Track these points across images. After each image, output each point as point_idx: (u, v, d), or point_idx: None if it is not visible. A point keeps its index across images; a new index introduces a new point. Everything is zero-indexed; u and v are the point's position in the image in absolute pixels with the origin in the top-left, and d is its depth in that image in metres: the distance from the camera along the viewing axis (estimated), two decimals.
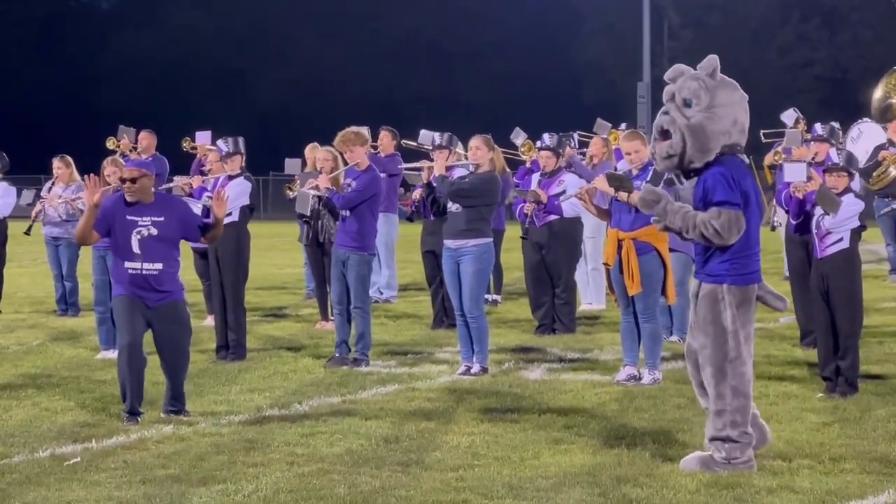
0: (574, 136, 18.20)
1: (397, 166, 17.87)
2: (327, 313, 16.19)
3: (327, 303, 16.04)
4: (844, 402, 11.19)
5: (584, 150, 18.39)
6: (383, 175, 16.07)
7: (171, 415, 10.71)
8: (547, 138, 15.75)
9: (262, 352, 14.51)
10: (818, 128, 13.93)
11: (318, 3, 77.79)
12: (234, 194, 13.96)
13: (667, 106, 8.84)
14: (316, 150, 16.70)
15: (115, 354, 12.23)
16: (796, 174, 11.88)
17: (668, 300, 12.66)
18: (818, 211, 11.49)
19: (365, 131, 14.63)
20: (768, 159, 18.94)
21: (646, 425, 10.30)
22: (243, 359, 13.86)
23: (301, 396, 11.67)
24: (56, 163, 17.86)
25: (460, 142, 14.41)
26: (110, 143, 20.27)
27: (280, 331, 16.50)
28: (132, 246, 10.51)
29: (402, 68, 76.37)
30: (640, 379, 12.29)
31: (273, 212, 54.80)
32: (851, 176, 11.65)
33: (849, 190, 11.55)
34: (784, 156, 15.30)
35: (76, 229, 10.89)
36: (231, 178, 14.09)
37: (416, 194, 16.14)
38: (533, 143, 17.68)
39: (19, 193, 18.81)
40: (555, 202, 15.61)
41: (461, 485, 8.45)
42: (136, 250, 10.51)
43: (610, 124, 19.65)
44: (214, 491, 8.35)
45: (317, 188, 13.96)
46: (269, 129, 62.41)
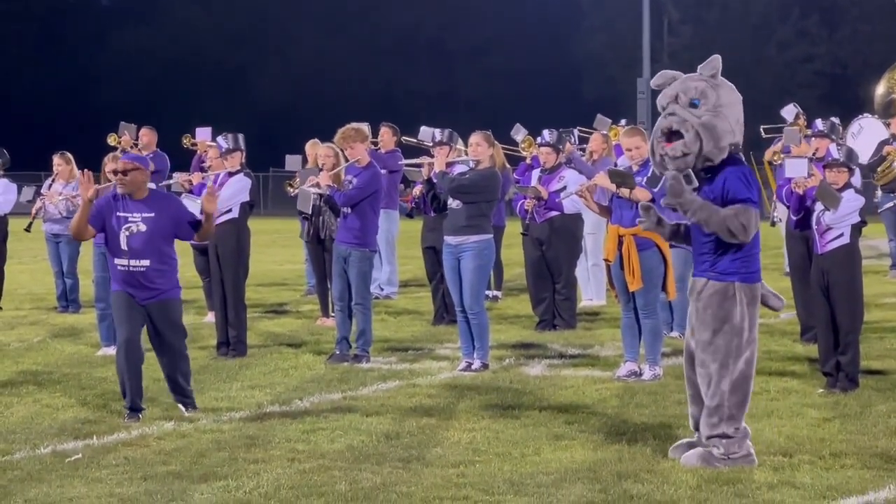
0: (574, 132, 18.19)
1: (398, 163, 17.87)
2: (328, 310, 16.20)
3: (328, 299, 16.05)
4: (845, 397, 11.20)
5: (584, 146, 18.39)
6: (384, 171, 16.07)
7: (179, 405, 10.78)
8: (547, 134, 15.76)
9: (262, 348, 14.52)
10: (819, 123, 13.93)
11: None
12: (234, 191, 13.98)
13: (671, 108, 8.81)
14: (317, 146, 16.70)
15: (114, 351, 12.24)
16: (797, 170, 11.88)
17: (669, 296, 12.66)
18: (818, 207, 11.49)
19: (365, 127, 14.61)
20: (768, 155, 18.94)
21: (646, 421, 10.31)
22: (244, 355, 13.86)
23: (302, 393, 11.68)
24: (56, 159, 17.86)
25: (460, 138, 14.42)
26: (112, 140, 20.26)
27: (280, 327, 16.50)
28: (120, 242, 10.50)
29: (401, 65, 76.35)
30: (640, 375, 12.30)
31: (273, 208, 54.78)
32: (852, 171, 11.66)
33: (849, 185, 11.55)
34: (783, 155, 15.30)
35: (71, 224, 10.88)
36: (231, 174, 14.08)
37: (417, 191, 16.15)
38: (533, 139, 17.69)
39: (20, 190, 18.81)
40: (555, 198, 15.61)
41: (462, 481, 8.46)
42: (124, 247, 10.49)
43: (610, 120, 19.66)
44: (215, 487, 8.36)
45: (317, 185, 13.96)
46: (269, 126, 62.39)
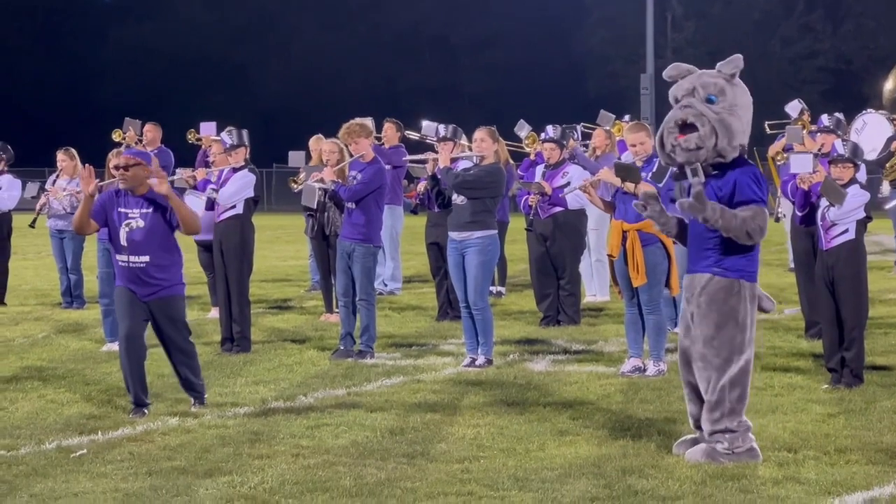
0: (578, 128, 18.17)
1: (402, 158, 17.87)
2: (332, 305, 16.20)
3: (332, 295, 16.05)
4: (850, 393, 11.20)
5: (587, 142, 18.39)
6: (388, 167, 16.07)
7: (191, 398, 10.82)
8: (551, 130, 15.76)
9: (266, 344, 14.52)
10: (824, 119, 13.90)
11: None
12: (239, 187, 13.98)
13: (686, 101, 8.79)
14: (321, 141, 16.70)
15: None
16: (802, 165, 11.87)
17: (672, 291, 12.66)
18: (824, 202, 11.49)
19: (370, 123, 14.62)
20: (772, 151, 18.92)
21: (651, 416, 10.31)
22: (248, 351, 13.87)
23: (306, 389, 11.68)
24: (60, 155, 17.87)
25: (464, 134, 14.42)
26: (116, 136, 20.28)
27: (285, 323, 16.50)
28: (121, 238, 10.49)
29: (405, 60, 76.38)
30: (644, 370, 12.30)
31: (276, 204, 54.84)
32: (857, 167, 11.65)
33: (854, 181, 11.55)
34: (785, 153, 15.28)
35: (74, 218, 10.87)
36: (235, 170, 14.09)
37: (421, 187, 16.14)
38: (537, 135, 17.68)
39: (24, 186, 18.82)
40: (559, 194, 15.61)
41: (466, 476, 8.46)
42: (124, 242, 10.46)
43: (614, 116, 19.65)
44: (220, 483, 8.35)
45: (322, 181, 13.95)
46: (272, 122, 62.45)
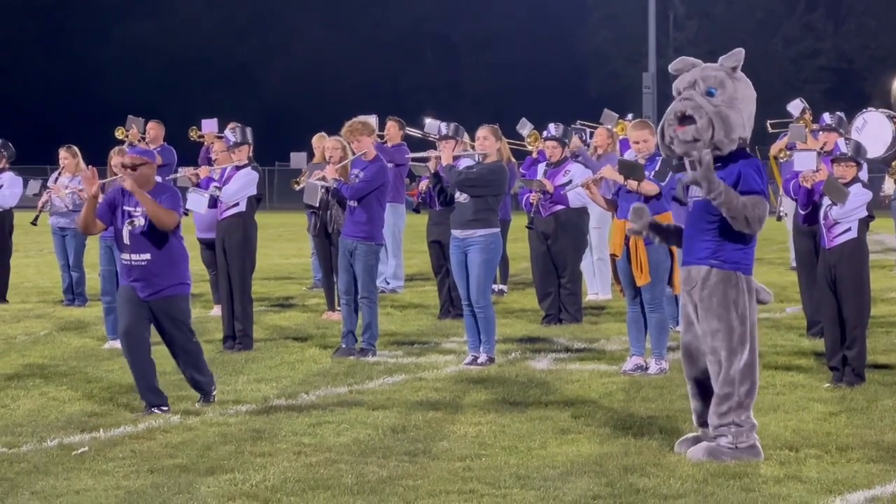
0: (585, 131, 18.10)
1: (404, 156, 17.87)
2: (334, 303, 16.20)
3: (334, 293, 16.05)
4: (851, 391, 11.19)
5: (589, 140, 18.37)
6: (390, 165, 16.06)
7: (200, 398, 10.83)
8: (553, 129, 15.75)
9: (268, 342, 14.53)
10: (826, 117, 13.89)
11: None
12: (242, 184, 13.98)
13: (687, 93, 8.82)
14: (323, 139, 16.70)
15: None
16: (806, 163, 11.86)
17: (675, 290, 12.65)
18: (826, 201, 11.48)
19: (373, 121, 14.61)
20: (774, 150, 18.91)
21: (653, 415, 10.31)
22: (250, 349, 13.87)
23: (308, 386, 11.68)
24: (62, 153, 17.86)
25: (466, 132, 14.40)
26: (119, 133, 20.29)
27: (287, 321, 16.51)
28: (123, 236, 10.49)
29: (406, 58, 76.37)
30: (646, 369, 12.30)
31: (279, 202, 54.85)
32: (859, 166, 11.64)
33: (857, 180, 11.54)
34: (788, 151, 15.28)
35: (79, 219, 10.84)
36: (238, 168, 14.08)
37: (423, 185, 16.14)
38: (539, 133, 17.68)
39: (26, 184, 18.83)
40: (560, 192, 15.61)
41: (468, 474, 8.46)
42: (126, 241, 10.46)
43: (617, 115, 19.64)
44: (222, 480, 8.35)
45: (324, 179, 13.95)
46: (275, 120, 62.41)
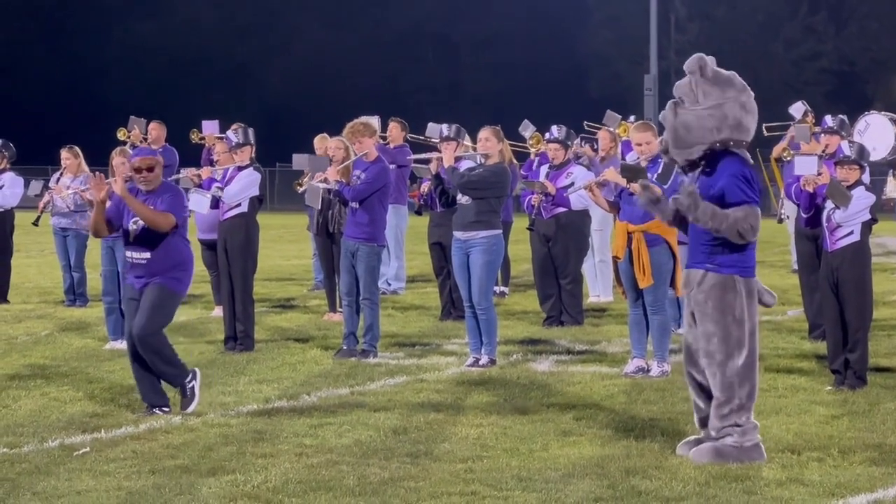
0: (597, 140, 18.01)
1: (406, 157, 17.87)
2: (335, 304, 16.19)
3: (335, 294, 16.04)
4: (853, 394, 11.19)
5: (588, 137, 18.32)
6: (392, 166, 16.06)
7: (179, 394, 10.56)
8: (556, 131, 15.74)
9: (270, 343, 14.52)
10: (828, 120, 13.87)
11: None
12: (244, 185, 13.97)
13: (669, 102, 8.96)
14: (325, 140, 16.69)
15: (123, 345, 12.27)
16: (807, 167, 11.85)
17: (678, 292, 12.64)
18: (829, 204, 11.47)
19: (375, 122, 14.60)
20: (776, 152, 18.91)
21: (654, 417, 10.30)
22: (251, 350, 13.86)
23: (309, 388, 11.68)
24: (64, 153, 17.85)
25: (467, 133, 14.40)
26: (121, 134, 20.29)
27: (288, 322, 16.50)
28: (129, 234, 10.51)
29: (407, 58, 76.36)
30: (648, 371, 12.29)
31: (280, 203, 54.82)
32: (863, 169, 11.63)
33: (860, 183, 11.53)
34: (792, 151, 15.28)
35: (89, 224, 10.83)
36: (240, 168, 14.07)
37: (425, 187, 16.13)
38: (541, 135, 17.67)
39: (27, 184, 18.82)
40: (563, 194, 15.60)
41: (470, 476, 8.45)
42: (130, 238, 10.50)
43: (620, 116, 19.64)
44: (223, 481, 8.35)
45: (325, 181, 13.95)
46: (275, 121, 62.40)
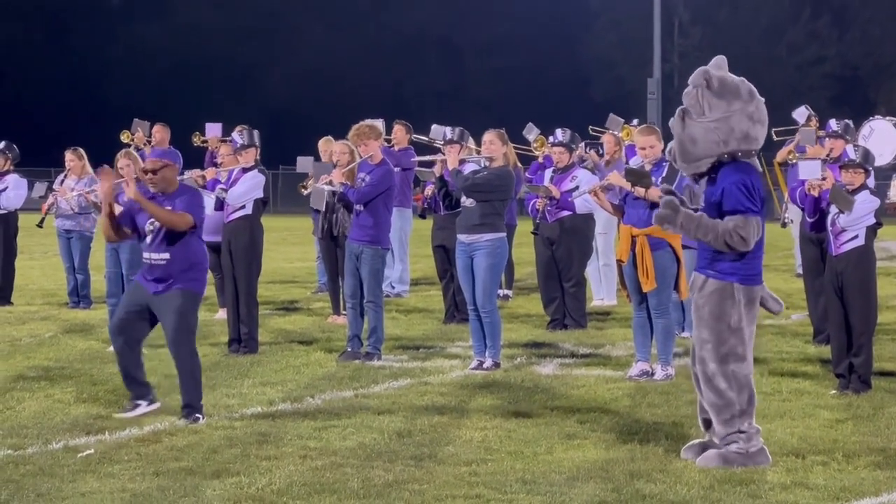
0: (602, 145, 18.00)
1: (411, 160, 17.86)
2: (339, 307, 16.18)
3: (339, 297, 16.03)
4: (858, 398, 11.18)
5: (592, 143, 18.31)
6: (397, 169, 16.06)
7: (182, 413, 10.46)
8: (560, 134, 15.73)
9: (274, 345, 14.52)
10: (833, 124, 13.86)
11: None
12: (248, 187, 13.97)
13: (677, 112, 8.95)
14: (330, 143, 16.69)
15: None
16: (811, 172, 11.84)
17: (681, 295, 12.64)
18: (833, 209, 11.47)
19: (379, 124, 14.60)
20: (780, 156, 18.92)
21: (659, 421, 10.30)
22: (255, 352, 13.86)
23: (313, 390, 11.67)
24: (69, 155, 17.85)
25: (471, 136, 14.40)
26: (124, 137, 20.32)
27: (292, 324, 16.49)
28: (146, 236, 10.53)
29: (411, 62, 76.37)
30: (652, 374, 12.28)
31: (283, 205, 54.82)
32: (867, 173, 11.63)
33: (864, 187, 11.52)
34: (797, 154, 15.28)
35: (100, 228, 10.83)
36: (245, 170, 14.07)
37: (428, 190, 16.14)
38: (545, 138, 17.66)
39: (31, 186, 18.82)
40: (567, 198, 15.59)
41: (474, 479, 8.45)
42: (148, 240, 10.52)
43: (622, 119, 19.63)
44: (228, 484, 8.35)
45: (330, 183, 13.95)
46: (279, 124, 62.39)
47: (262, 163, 14.33)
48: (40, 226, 18.10)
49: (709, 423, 9.01)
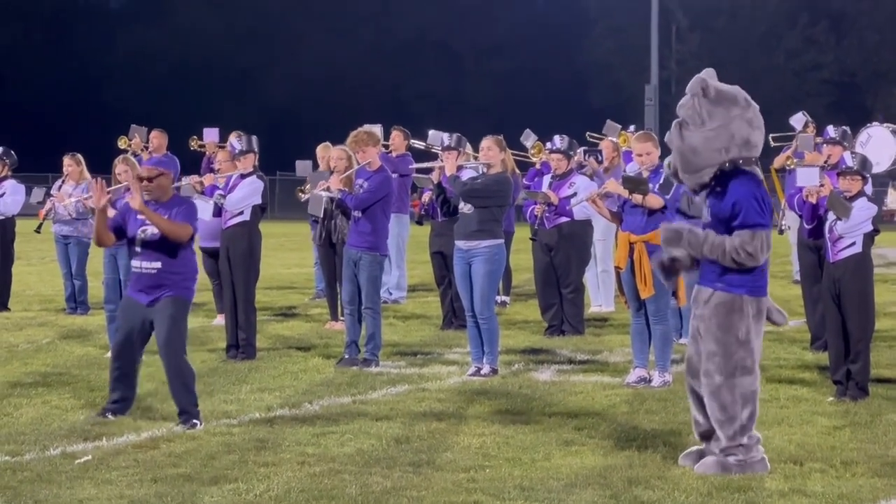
0: (601, 152, 17.99)
1: (409, 166, 17.87)
2: (337, 313, 16.18)
3: (337, 303, 16.03)
4: (855, 405, 11.18)
5: (591, 150, 18.32)
6: (395, 175, 16.06)
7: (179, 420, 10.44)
8: (558, 141, 15.74)
9: (272, 351, 14.51)
10: (830, 130, 13.85)
11: (327, 1, 77.87)
12: (247, 193, 13.97)
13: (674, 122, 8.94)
14: (328, 149, 16.70)
15: None
16: (809, 179, 11.85)
17: (679, 302, 12.65)
18: (831, 215, 11.47)
19: (377, 130, 14.60)
20: (778, 162, 18.92)
21: (656, 427, 10.30)
22: (253, 358, 13.85)
23: (311, 396, 11.67)
24: (66, 161, 17.86)
25: (468, 143, 14.40)
26: (122, 143, 20.31)
27: (290, 330, 16.49)
28: (136, 244, 10.50)
29: (409, 67, 76.44)
30: (650, 381, 12.28)
31: (281, 211, 54.87)
32: (865, 180, 11.63)
33: (862, 194, 11.53)
34: (796, 160, 15.29)
35: (92, 232, 10.82)
36: (243, 176, 14.07)
37: (426, 197, 16.13)
38: (542, 145, 17.66)
39: (28, 191, 18.82)
40: (565, 204, 15.60)
41: (472, 486, 8.45)
42: (138, 248, 10.48)
43: (620, 126, 19.62)
44: (226, 490, 8.34)
45: (328, 189, 13.95)
46: (277, 128, 62.46)
47: (260, 168, 14.32)
48: (38, 231, 18.10)
49: (704, 436, 8.99)
